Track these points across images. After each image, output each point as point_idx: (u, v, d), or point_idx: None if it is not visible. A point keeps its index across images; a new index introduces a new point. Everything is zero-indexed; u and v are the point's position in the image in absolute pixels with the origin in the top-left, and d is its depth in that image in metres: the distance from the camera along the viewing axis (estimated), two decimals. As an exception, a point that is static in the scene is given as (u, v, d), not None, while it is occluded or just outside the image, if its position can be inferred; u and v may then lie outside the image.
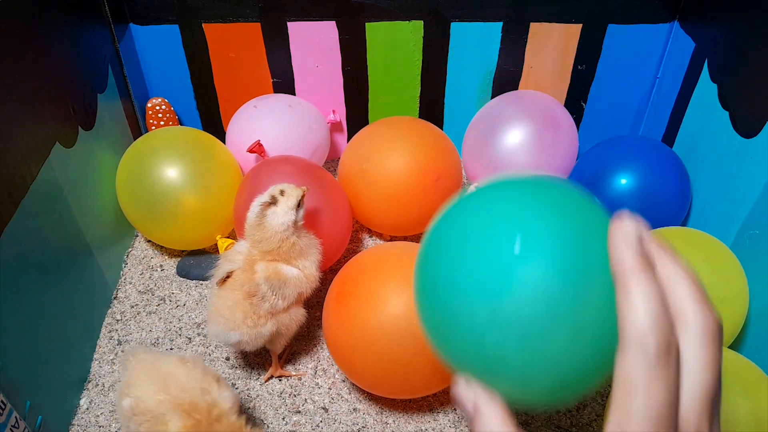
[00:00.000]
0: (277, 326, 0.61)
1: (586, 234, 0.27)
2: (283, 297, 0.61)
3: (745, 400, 0.49)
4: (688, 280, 0.25)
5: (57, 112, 0.65)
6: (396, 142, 0.76)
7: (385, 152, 0.76)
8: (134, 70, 0.86)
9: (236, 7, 0.82)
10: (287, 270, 0.61)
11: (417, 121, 0.81)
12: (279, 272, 0.61)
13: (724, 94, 0.70)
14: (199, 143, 0.79)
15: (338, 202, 0.73)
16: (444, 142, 0.79)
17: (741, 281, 0.60)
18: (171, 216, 0.74)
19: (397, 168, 0.74)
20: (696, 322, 0.25)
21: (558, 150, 0.81)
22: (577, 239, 0.27)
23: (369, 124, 0.86)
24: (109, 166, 0.77)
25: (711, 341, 0.24)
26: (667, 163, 0.75)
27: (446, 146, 0.79)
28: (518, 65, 0.87)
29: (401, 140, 0.76)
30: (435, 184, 0.74)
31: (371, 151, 0.77)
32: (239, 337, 0.60)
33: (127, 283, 0.77)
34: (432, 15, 0.83)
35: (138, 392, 0.50)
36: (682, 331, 0.24)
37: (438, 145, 0.78)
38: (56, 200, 0.63)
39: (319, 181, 0.72)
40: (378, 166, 0.75)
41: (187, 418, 0.48)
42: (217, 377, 0.53)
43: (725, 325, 0.58)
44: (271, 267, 0.61)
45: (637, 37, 0.83)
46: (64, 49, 0.68)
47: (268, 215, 0.60)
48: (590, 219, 0.28)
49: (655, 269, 0.25)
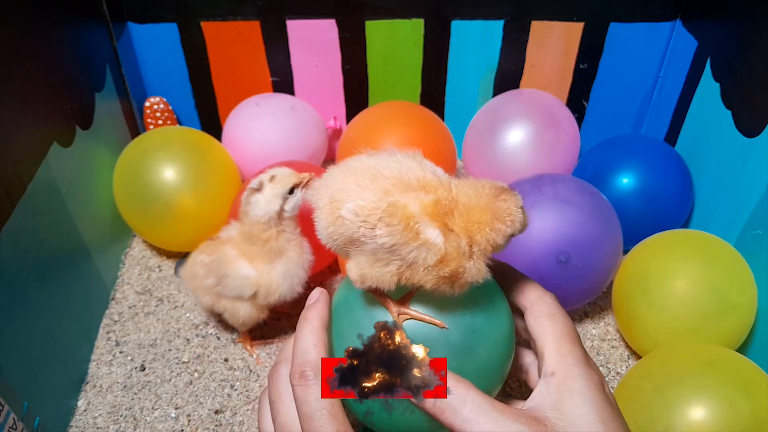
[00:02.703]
0: (222, 308, 0.63)
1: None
2: (225, 287, 0.61)
3: (746, 400, 0.49)
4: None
5: (54, 111, 0.64)
6: (386, 119, 0.80)
7: (374, 128, 0.79)
8: (132, 68, 0.85)
9: (235, 5, 0.82)
10: (234, 267, 0.60)
11: (415, 106, 0.84)
12: (221, 263, 0.60)
13: (726, 93, 0.69)
14: (197, 144, 0.78)
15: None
16: (436, 127, 0.81)
17: (751, 286, 0.60)
18: (167, 217, 0.73)
19: (382, 142, 0.77)
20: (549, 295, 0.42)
21: (559, 149, 0.80)
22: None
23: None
24: (106, 165, 0.77)
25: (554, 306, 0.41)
26: (670, 163, 0.74)
27: (439, 131, 0.81)
28: (519, 64, 0.87)
29: (393, 119, 0.80)
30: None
31: (365, 128, 0.81)
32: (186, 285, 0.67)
33: (125, 284, 0.77)
34: (432, 13, 0.83)
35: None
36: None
37: (428, 128, 0.80)
38: (54, 200, 0.62)
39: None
40: (366, 139, 0.79)
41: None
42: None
43: (735, 330, 0.59)
44: (216, 255, 0.61)
45: (640, 36, 0.83)
46: (62, 47, 0.67)
47: (251, 202, 0.57)
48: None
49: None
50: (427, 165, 0.39)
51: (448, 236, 0.35)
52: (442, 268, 0.35)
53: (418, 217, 0.35)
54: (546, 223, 0.63)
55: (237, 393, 0.64)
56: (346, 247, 0.38)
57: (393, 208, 0.35)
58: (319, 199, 0.38)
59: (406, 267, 0.36)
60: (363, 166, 0.38)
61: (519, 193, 0.39)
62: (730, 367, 0.52)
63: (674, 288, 0.60)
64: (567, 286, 0.63)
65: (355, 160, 0.39)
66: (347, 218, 0.35)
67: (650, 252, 0.64)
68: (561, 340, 0.38)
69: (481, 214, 0.36)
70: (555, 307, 0.40)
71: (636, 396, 0.53)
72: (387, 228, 0.34)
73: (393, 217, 0.34)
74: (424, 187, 0.36)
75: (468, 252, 0.36)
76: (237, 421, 0.61)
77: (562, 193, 0.64)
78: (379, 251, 0.35)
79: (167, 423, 0.61)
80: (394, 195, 0.36)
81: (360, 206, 0.35)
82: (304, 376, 0.37)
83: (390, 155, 0.39)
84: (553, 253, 0.62)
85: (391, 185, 0.36)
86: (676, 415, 0.49)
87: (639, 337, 0.63)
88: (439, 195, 0.36)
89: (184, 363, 0.67)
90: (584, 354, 0.38)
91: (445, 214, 0.36)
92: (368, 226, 0.35)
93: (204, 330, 0.71)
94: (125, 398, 0.63)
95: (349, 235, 0.36)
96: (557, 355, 0.37)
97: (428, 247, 0.35)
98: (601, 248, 0.63)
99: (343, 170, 0.38)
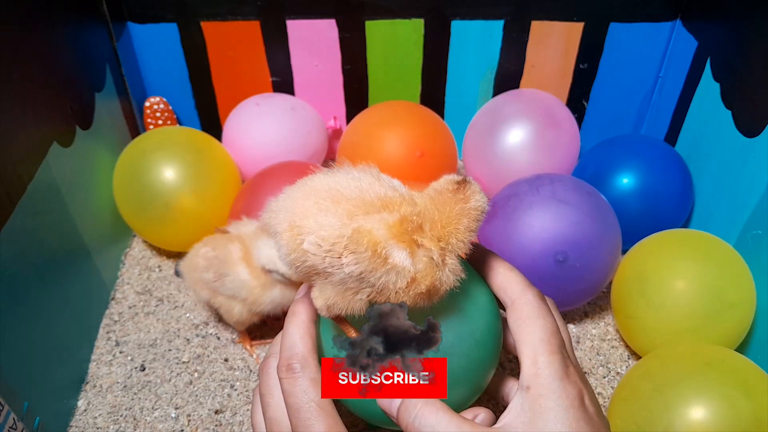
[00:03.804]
0: (218, 304, 0.64)
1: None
2: (222, 285, 0.61)
3: (746, 400, 0.48)
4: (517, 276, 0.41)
5: (54, 111, 0.64)
6: (387, 119, 0.81)
7: (375, 127, 0.81)
8: (132, 68, 0.85)
9: (235, 5, 0.82)
10: (235, 269, 0.61)
11: (415, 105, 0.86)
12: (223, 261, 0.61)
13: (726, 93, 0.69)
14: (197, 144, 0.78)
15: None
16: (436, 125, 0.82)
17: (751, 286, 0.60)
18: (167, 217, 0.73)
19: (384, 142, 0.79)
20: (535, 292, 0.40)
21: (559, 149, 0.80)
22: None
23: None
24: (106, 165, 0.77)
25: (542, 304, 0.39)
26: (670, 163, 0.74)
27: (439, 129, 0.82)
28: (519, 64, 0.87)
29: (392, 117, 0.81)
30: (419, 160, 0.78)
31: (365, 125, 0.82)
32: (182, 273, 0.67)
33: (125, 284, 0.77)
34: (432, 13, 0.83)
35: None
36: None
37: (428, 126, 0.81)
38: (54, 200, 0.62)
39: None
40: (368, 138, 0.80)
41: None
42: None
43: (734, 329, 0.58)
44: (220, 251, 0.61)
45: (640, 36, 0.83)
46: (62, 47, 0.67)
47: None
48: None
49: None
50: (385, 180, 0.38)
51: (416, 253, 0.34)
52: (416, 287, 0.34)
53: (385, 241, 0.34)
54: (544, 223, 0.63)
55: (237, 393, 0.64)
56: (310, 276, 0.37)
57: (358, 235, 0.33)
58: (278, 224, 0.36)
59: (377, 293, 0.35)
60: (322, 186, 0.36)
61: (511, 194, 0.39)
62: (730, 367, 0.52)
63: (673, 288, 0.60)
64: (565, 285, 0.63)
65: (314, 180, 0.38)
66: (311, 251, 0.34)
67: (649, 252, 0.64)
68: (538, 349, 0.36)
69: (450, 218, 0.36)
70: (536, 307, 0.38)
71: (636, 396, 0.53)
72: (354, 255, 0.33)
73: (359, 245, 0.33)
74: (387, 205, 0.35)
75: (441, 262, 0.35)
76: (237, 421, 0.61)
77: (560, 193, 0.64)
78: (348, 280, 0.34)
79: (167, 423, 0.61)
80: (358, 217, 0.34)
81: (323, 237, 0.34)
82: (291, 369, 0.37)
83: (346, 172, 0.38)
84: (551, 252, 0.62)
85: (353, 206, 0.35)
86: (676, 415, 0.49)
87: (638, 337, 0.63)
88: (404, 212, 0.35)
89: (184, 363, 0.67)
90: (563, 365, 0.36)
91: (414, 230, 0.35)
92: (334, 256, 0.34)
93: (204, 330, 0.71)
94: (125, 398, 0.63)
95: (313, 265, 0.35)
96: (533, 367, 0.36)
97: (397, 271, 0.34)
98: (599, 248, 0.63)
99: (302, 192, 0.37)
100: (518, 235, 0.63)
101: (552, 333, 0.37)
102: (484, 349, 0.39)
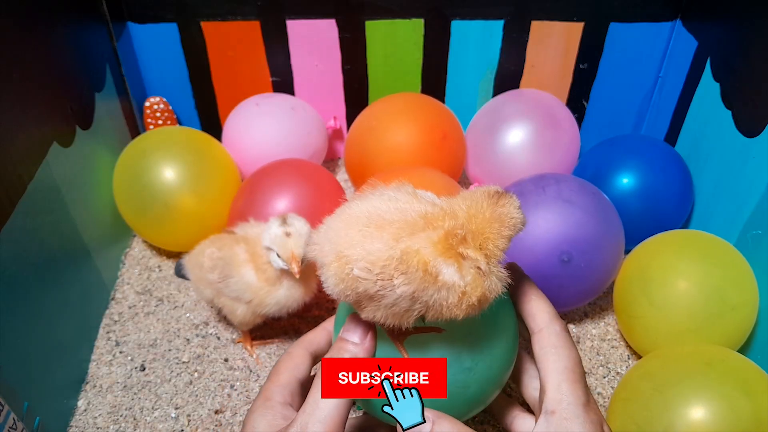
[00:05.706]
0: (221, 304, 0.64)
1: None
2: (226, 286, 0.62)
3: (746, 400, 0.48)
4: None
5: (54, 111, 0.64)
6: (402, 108, 0.82)
7: (393, 114, 0.81)
8: (132, 68, 0.85)
9: (235, 5, 0.82)
10: (240, 271, 0.61)
11: (423, 96, 0.87)
12: (228, 263, 0.61)
13: (726, 93, 0.69)
14: (197, 143, 0.78)
15: (339, 204, 0.73)
16: (449, 113, 0.84)
17: (752, 287, 0.60)
18: (167, 217, 0.73)
19: (404, 126, 0.79)
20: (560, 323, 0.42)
21: (559, 149, 0.80)
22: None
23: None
24: (106, 165, 0.77)
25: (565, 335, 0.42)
26: (670, 163, 0.74)
27: (452, 116, 0.84)
28: (519, 64, 0.87)
29: (407, 106, 0.82)
30: (442, 142, 0.79)
31: (381, 113, 0.82)
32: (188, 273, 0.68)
33: (125, 284, 0.77)
34: (432, 13, 0.83)
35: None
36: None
37: (442, 113, 0.83)
38: (53, 200, 0.62)
39: (320, 183, 0.72)
40: (387, 122, 0.80)
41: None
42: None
43: (737, 330, 0.59)
44: (226, 252, 0.61)
45: (639, 36, 0.83)
46: (62, 47, 0.67)
47: (269, 225, 0.59)
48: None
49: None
50: (421, 195, 0.38)
51: (463, 266, 0.35)
52: (467, 299, 0.35)
53: (434, 259, 0.34)
54: (549, 223, 0.62)
55: (237, 393, 0.64)
56: (361, 301, 0.37)
57: (407, 256, 0.34)
58: (325, 256, 0.36)
59: (428, 308, 0.35)
60: (362, 213, 0.37)
61: (515, 193, 0.39)
62: (730, 367, 0.52)
63: (675, 288, 0.60)
64: (569, 285, 0.63)
65: (351, 207, 0.38)
66: (361, 276, 0.34)
67: (651, 252, 0.64)
68: (563, 377, 0.38)
69: (490, 227, 0.36)
70: (562, 338, 0.40)
71: (636, 396, 0.53)
72: (405, 276, 0.34)
73: (409, 265, 0.34)
74: (430, 222, 0.36)
75: (488, 270, 0.35)
76: (237, 421, 0.61)
77: (565, 193, 0.64)
78: (400, 301, 0.35)
79: (167, 423, 0.61)
80: (404, 239, 0.34)
81: (372, 261, 0.34)
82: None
83: (381, 194, 0.38)
84: (556, 252, 0.62)
85: (397, 229, 0.35)
86: (676, 415, 0.49)
87: (639, 336, 0.63)
88: (447, 227, 0.35)
89: (184, 363, 0.67)
90: (585, 393, 0.39)
91: (459, 244, 0.35)
92: (385, 278, 0.34)
93: (204, 330, 0.71)
94: (125, 398, 0.63)
95: (365, 290, 0.35)
96: (558, 393, 0.38)
97: (448, 288, 0.34)
98: (603, 248, 0.63)
99: (343, 221, 0.37)
100: (523, 234, 0.63)
101: (576, 363, 0.40)
102: (501, 368, 0.41)
